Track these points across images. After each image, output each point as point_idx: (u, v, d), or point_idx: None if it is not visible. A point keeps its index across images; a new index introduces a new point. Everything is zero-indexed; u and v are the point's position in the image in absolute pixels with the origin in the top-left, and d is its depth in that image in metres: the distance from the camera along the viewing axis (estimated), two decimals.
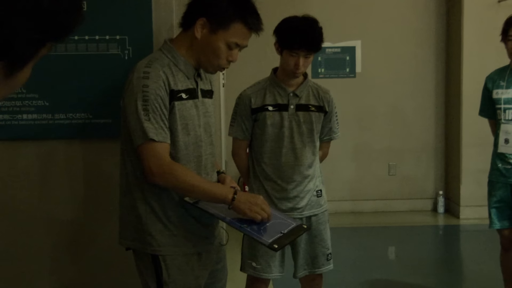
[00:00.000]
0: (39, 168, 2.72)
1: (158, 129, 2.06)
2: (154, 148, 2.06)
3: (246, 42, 2.20)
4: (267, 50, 3.76)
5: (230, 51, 2.17)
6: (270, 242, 2.10)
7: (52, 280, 2.78)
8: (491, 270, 4.57)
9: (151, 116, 2.05)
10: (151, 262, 2.19)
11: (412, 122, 7.03)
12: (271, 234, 2.15)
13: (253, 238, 2.15)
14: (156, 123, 2.06)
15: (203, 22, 2.12)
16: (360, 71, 6.97)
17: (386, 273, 4.94)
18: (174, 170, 2.08)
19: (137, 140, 2.07)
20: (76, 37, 2.62)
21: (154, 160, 2.06)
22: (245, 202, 2.12)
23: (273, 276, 3.05)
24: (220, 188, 2.17)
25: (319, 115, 3.02)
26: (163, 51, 2.20)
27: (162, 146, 2.07)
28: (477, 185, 6.09)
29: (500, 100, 3.64)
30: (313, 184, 3.04)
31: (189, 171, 2.13)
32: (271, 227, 2.18)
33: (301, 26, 2.86)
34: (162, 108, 2.08)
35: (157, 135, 2.05)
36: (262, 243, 2.12)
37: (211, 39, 2.14)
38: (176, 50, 2.18)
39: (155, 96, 2.06)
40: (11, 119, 2.67)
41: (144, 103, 2.05)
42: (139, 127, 2.06)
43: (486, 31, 6.22)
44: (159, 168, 2.06)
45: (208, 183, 2.17)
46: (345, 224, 6.53)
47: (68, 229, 2.75)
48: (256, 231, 2.14)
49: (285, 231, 2.19)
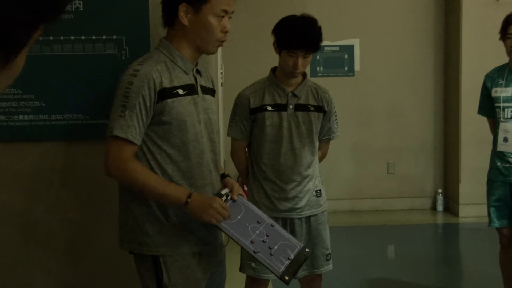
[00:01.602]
0: (36, 170, 2.71)
1: (129, 127, 2.05)
2: (116, 144, 2.07)
3: (231, 8, 2.19)
4: (265, 49, 3.74)
5: (221, 21, 2.16)
6: (281, 272, 2.15)
7: (51, 283, 2.77)
8: (490, 268, 4.56)
9: (127, 113, 2.05)
10: (151, 264, 2.17)
11: (411, 120, 7.02)
12: (280, 259, 2.18)
13: (266, 266, 2.18)
14: (129, 121, 2.05)
15: (185, 7, 2.12)
16: (359, 69, 6.96)
17: (385, 272, 4.93)
18: (128, 167, 2.07)
19: (107, 132, 2.10)
20: (72, 37, 2.61)
21: (111, 155, 2.08)
22: (199, 205, 2.10)
23: (273, 277, 3.02)
24: (174, 190, 2.11)
25: (318, 115, 3.00)
26: (159, 49, 2.19)
27: (125, 144, 2.06)
28: (476, 184, 6.08)
29: (499, 99, 3.62)
30: (313, 184, 3.03)
31: (145, 170, 2.10)
32: (279, 251, 2.21)
33: (300, 26, 2.84)
34: (141, 108, 2.06)
35: (126, 133, 2.05)
36: (274, 273, 2.16)
37: (199, 18, 2.13)
38: (172, 46, 2.17)
39: (136, 94, 2.05)
40: (7, 120, 2.65)
41: (124, 99, 2.06)
42: (111, 121, 2.08)
43: (484, 29, 6.21)
44: (114, 163, 2.08)
45: (163, 184, 2.11)
46: (344, 223, 6.52)
47: (66, 231, 2.74)
48: (267, 257, 2.17)
49: (292, 257, 2.21)
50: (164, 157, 2.13)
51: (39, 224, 2.72)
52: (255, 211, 2.32)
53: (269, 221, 2.31)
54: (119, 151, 2.07)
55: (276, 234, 2.28)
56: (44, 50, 2.61)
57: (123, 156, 2.07)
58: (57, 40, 2.61)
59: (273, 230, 2.29)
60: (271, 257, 2.18)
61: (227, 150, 3.27)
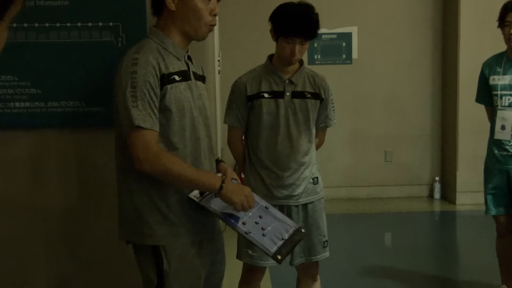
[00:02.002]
0: (32, 157, 2.70)
1: (145, 116, 2.03)
2: (141, 135, 2.02)
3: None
4: (263, 37, 3.72)
5: (209, 4, 2.14)
6: (273, 252, 2.14)
7: (48, 272, 2.77)
8: (487, 256, 4.58)
9: (139, 102, 2.02)
10: (151, 254, 2.16)
11: (408, 108, 7.02)
12: (273, 239, 2.17)
13: (258, 246, 2.16)
14: (144, 110, 2.03)
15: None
16: (357, 57, 6.95)
17: (382, 260, 4.95)
18: (162, 158, 2.05)
19: (125, 127, 2.05)
20: (68, 24, 2.60)
21: (141, 148, 2.02)
22: (232, 191, 2.13)
23: (270, 264, 3.04)
24: (208, 177, 2.14)
25: (315, 102, 2.99)
26: (150, 37, 2.18)
27: (149, 134, 2.04)
28: (473, 171, 6.09)
29: (496, 87, 3.62)
30: (309, 172, 3.03)
31: (177, 159, 2.09)
32: (272, 232, 2.20)
33: (297, 13, 2.82)
34: (151, 94, 2.05)
35: (145, 122, 2.02)
36: (266, 252, 2.15)
37: (186, 3, 2.11)
38: (162, 34, 2.16)
39: (143, 83, 2.03)
40: (3, 107, 2.64)
41: (132, 89, 2.02)
42: (126, 114, 2.03)
43: (482, 17, 6.19)
44: (146, 156, 2.03)
45: (196, 171, 2.13)
46: (341, 210, 6.54)
47: (62, 219, 2.74)
48: (259, 237, 2.16)
49: (286, 237, 2.20)
50: (167, 144, 2.12)
51: (35, 212, 2.72)
52: None
53: (263, 204, 2.30)
54: (146, 143, 2.03)
55: (270, 216, 2.27)
56: (40, 37, 2.60)
57: (152, 147, 2.03)
58: (53, 27, 2.59)
59: (267, 212, 2.28)
60: (263, 238, 2.16)
61: (224, 137, 3.27)
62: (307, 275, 3.16)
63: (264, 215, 2.25)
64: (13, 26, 2.57)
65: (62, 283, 2.79)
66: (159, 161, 2.04)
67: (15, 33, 2.58)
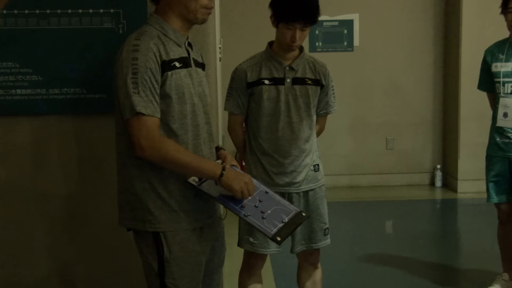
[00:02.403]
0: (33, 144, 2.71)
1: (147, 103, 2.03)
2: (143, 122, 2.03)
3: None
4: (263, 24, 3.71)
5: None
6: (273, 233, 2.12)
7: (49, 256, 2.78)
8: (488, 244, 4.59)
9: (140, 89, 2.02)
10: (152, 240, 2.17)
11: (410, 96, 7.01)
12: (273, 222, 2.15)
13: (257, 228, 2.14)
14: (145, 96, 2.03)
15: None
16: (358, 44, 6.93)
17: (383, 247, 4.96)
18: (164, 144, 2.05)
19: (126, 114, 2.05)
20: (69, 11, 2.59)
21: (143, 134, 2.03)
22: (233, 178, 2.12)
23: (271, 251, 3.04)
24: (209, 164, 2.15)
25: (316, 88, 2.99)
26: (150, 23, 2.17)
27: (151, 120, 2.04)
28: (475, 159, 6.08)
29: (499, 74, 3.61)
30: (310, 159, 3.02)
31: (178, 146, 2.10)
32: (272, 215, 2.18)
33: None
34: (152, 81, 2.04)
35: (146, 109, 2.02)
36: (265, 234, 2.13)
37: None
38: (162, 20, 2.15)
39: (144, 69, 2.03)
40: (5, 94, 2.64)
41: (133, 76, 2.02)
42: (128, 101, 2.03)
43: (485, 3, 6.16)
44: (148, 142, 2.03)
45: (197, 158, 2.14)
46: (343, 198, 6.54)
47: (64, 205, 2.74)
48: (259, 220, 2.14)
49: (286, 220, 2.19)
50: (167, 131, 2.12)
51: (36, 197, 2.73)
52: None
53: (263, 188, 2.30)
54: (148, 130, 2.03)
55: (270, 200, 2.26)
56: (41, 24, 2.59)
57: (154, 134, 2.04)
58: (54, 13, 2.59)
59: (267, 196, 2.27)
60: (263, 220, 2.16)
61: (225, 125, 3.26)
62: (308, 262, 3.17)
63: (264, 199, 2.24)
64: (14, 13, 2.56)
65: (63, 267, 2.80)
66: (161, 148, 2.04)
67: (16, 20, 2.57)
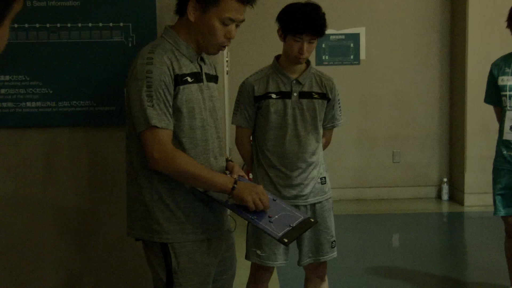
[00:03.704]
0: (43, 156, 2.73)
1: (161, 116, 2.05)
2: (156, 134, 2.05)
3: (241, 16, 2.16)
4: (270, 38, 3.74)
5: (227, 27, 2.15)
6: (280, 236, 2.11)
7: (58, 269, 2.79)
8: (495, 257, 4.58)
9: (155, 102, 2.04)
10: (160, 251, 2.18)
11: (416, 109, 7.02)
12: (280, 226, 2.15)
13: (264, 231, 2.14)
14: (159, 109, 2.05)
15: (194, 3, 2.12)
16: (365, 58, 6.95)
17: (390, 260, 4.95)
18: (176, 157, 2.07)
19: (139, 126, 2.07)
20: (79, 25, 2.62)
21: (156, 147, 2.05)
22: (244, 189, 2.12)
23: (278, 264, 3.05)
24: (221, 177, 2.15)
25: (322, 102, 3.01)
26: (164, 37, 2.20)
27: (164, 133, 2.06)
28: (481, 172, 6.08)
29: (505, 87, 3.62)
30: (317, 172, 3.04)
31: (191, 159, 2.12)
32: (279, 220, 2.18)
33: (305, 10, 2.85)
34: (166, 94, 2.07)
35: (160, 122, 2.05)
36: (272, 236, 2.12)
37: (205, 18, 2.12)
38: (177, 35, 2.18)
39: (159, 82, 2.05)
40: (15, 107, 2.67)
41: (147, 89, 2.04)
42: (142, 114, 2.05)
43: (491, 17, 6.18)
44: (161, 155, 2.05)
45: (209, 171, 2.15)
46: (349, 211, 6.54)
47: (73, 217, 2.76)
48: (266, 224, 2.14)
49: (293, 225, 2.18)
50: (176, 144, 2.14)
51: (46, 209, 2.74)
52: None
53: (271, 196, 2.29)
54: (160, 142, 2.05)
55: (277, 207, 2.25)
56: (51, 37, 2.62)
57: (167, 147, 2.06)
58: (64, 27, 2.62)
59: (274, 203, 2.27)
60: (270, 224, 2.15)
61: (232, 138, 3.28)
62: (315, 275, 3.17)
63: (272, 205, 2.24)
64: (24, 27, 2.60)
65: (73, 279, 2.81)
66: (174, 161, 2.07)
67: (26, 34, 2.60)
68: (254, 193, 2.13)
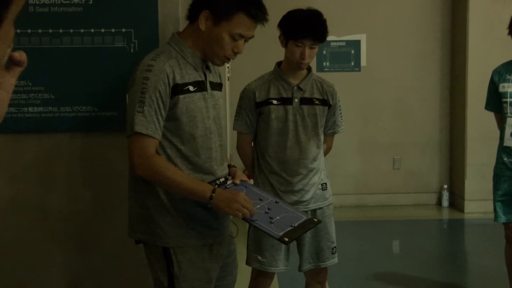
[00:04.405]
0: (45, 161, 2.73)
1: (149, 123, 2.07)
2: (139, 141, 2.07)
3: (251, 33, 2.19)
4: (272, 44, 3.75)
5: (235, 42, 2.16)
6: (280, 235, 2.10)
7: (60, 274, 2.79)
8: (496, 264, 4.57)
9: (146, 108, 2.06)
10: (162, 255, 2.19)
11: (417, 116, 7.02)
12: (281, 227, 2.14)
13: (264, 231, 2.14)
14: (149, 116, 2.06)
15: (207, 14, 2.13)
16: (365, 64, 6.96)
17: (390, 267, 4.95)
18: (155, 164, 2.08)
19: (128, 131, 2.11)
20: (82, 30, 2.63)
21: (137, 152, 2.08)
22: (223, 199, 2.10)
23: (278, 269, 3.05)
24: (199, 185, 2.14)
25: (323, 108, 3.01)
26: (171, 44, 2.21)
27: (148, 140, 2.08)
28: (481, 179, 6.08)
29: (506, 94, 3.62)
30: (318, 178, 3.04)
31: (171, 166, 2.12)
32: (281, 220, 2.18)
33: (306, 16, 2.87)
34: (159, 102, 2.08)
35: (147, 129, 2.06)
36: (272, 236, 2.12)
37: (215, 30, 2.14)
38: (183, 43, 2.19)
39: (153, 90, 2.06)
40: (17, 112, 2.67)
41: (141, 95, 2.06)
42: (130, 118, 2.08)
43: (491, 24, 6.20)
44: (139, 160, 2.08)
45: (189, 179, 2.14)
46: (350, 217, 6.54)
47: (75, 222, 2.76)
48: (267, 225, 2.14)
49: (295, 225, 2.18)
50: (174, 152, 2.15)
51: (48, 215, 2.75)
52: (257, 191, 2.32)
53: (273, 199, 2.30)
54: (142, 148, 2.07)
55: (279, 208, 2.25)
56: (53, 42, 2.63)
57: (147, 152, 2.08)
58: (67, 33, 2.63)
59: (276, 205, 2.27)
60: (270, 224, 2.14)
61: (233, 144, 3.29)
62: (315, 281, 3.17)
63: (273, 207, 2.24)
64: (27, 32, 2.60)
65: (74, 284, 2.81)
66: (151, 167, 2.08)
67: (29, 39, 2.61)
68: (233, 202, 2.10)
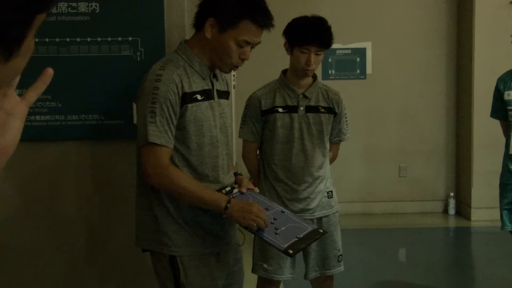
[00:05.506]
0: (52, 169, 2.74)
1: (162, 133, 2.07)
2: (153, 151, 2.08)
3: (257, 39, 2.19)
4: (277, 52, 3.76)
5: (242, 49, 2.17)
6: (285, 247, 2.09)
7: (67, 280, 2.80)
8: (503, 272, 4.55)
9: (157, 119, 2.06)
10: (168, 263, 2.19)
11: (422, 123, 7.01)
12: (286, 238, 2.14)
13: (269, 243, 2.14)
14: (161, 126, 2.07)
15: (212, 22, 2.14)
16: (371, 72, 6.96)
17: (396, 275, 4.93)
18: (169, 174, 2.09)
19: (140, 141, 2.11)
20: (88, 39, 2.65)
21: (151, 162, 2.08)
22: (238, 210, 2.11)
23: (284, 277, 3.05)
24: (214, 195, 2.14)
25: (329, 116, 3.02)
26: (178, 52, 2.21)
27: (162, 150, 2.08)
28: (488, 187, 6.06)
29: (511, 102, 3.62)
30: (324, 185, 3.04)
31: (185, 176, 2.13)
32: (286, 231, 2.17)
33: (311, 22, 2.88)
34: (170, 112, 2.08)
35: (160, 139, 2.07)
36: (277, 248, 2.11)
37: (221, 38, 2.14)
38: (191, 51, 2.19)
39: (164, 99, 2.07)
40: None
41: (152, 105, 2.06)
42: (143, 129, 2.08)
43: (497, 32, 6.19)
44: (154, 170, 2.08)
45: (203, 189, 2.14)
46: (356, 225, 6.52)
47: (82, 230, 2.77)
48: (272, 236, 2.14)
49: (300, 236, 2.17)
50: (181, 161, 2.16)
51: (55, 222, 2.75)
52: (263, 200, 2.32)
53: (279, 208, 2.29)
54: (157, 158, 2.08)
55: (285, 218, 2.24)
56: (60, 51, 2.65)
57: (162, 162, 2.08)
58: (74, 41, 2.64)
59: (282, 215, 2.26)
60: (276, 236, 2.13)
61: (239, 151, 3.30)
62: None
63: (279, 217, 2.24)
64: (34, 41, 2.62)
65: None
66: (167, 177, 2.08)
67: (36, 48, 2.63)
68: (248, 213, 2.11)
